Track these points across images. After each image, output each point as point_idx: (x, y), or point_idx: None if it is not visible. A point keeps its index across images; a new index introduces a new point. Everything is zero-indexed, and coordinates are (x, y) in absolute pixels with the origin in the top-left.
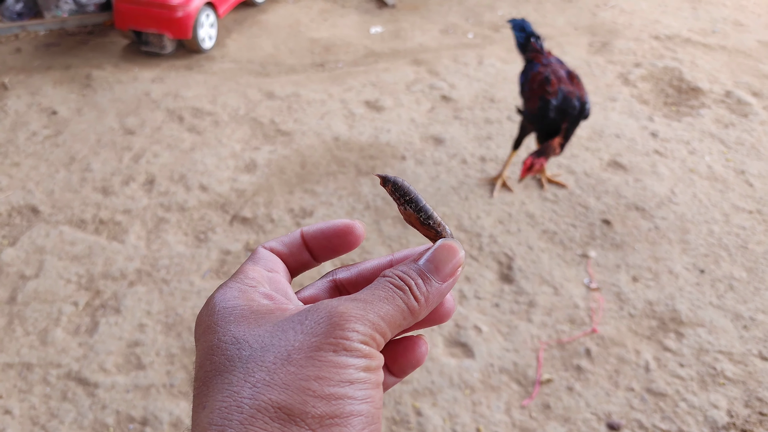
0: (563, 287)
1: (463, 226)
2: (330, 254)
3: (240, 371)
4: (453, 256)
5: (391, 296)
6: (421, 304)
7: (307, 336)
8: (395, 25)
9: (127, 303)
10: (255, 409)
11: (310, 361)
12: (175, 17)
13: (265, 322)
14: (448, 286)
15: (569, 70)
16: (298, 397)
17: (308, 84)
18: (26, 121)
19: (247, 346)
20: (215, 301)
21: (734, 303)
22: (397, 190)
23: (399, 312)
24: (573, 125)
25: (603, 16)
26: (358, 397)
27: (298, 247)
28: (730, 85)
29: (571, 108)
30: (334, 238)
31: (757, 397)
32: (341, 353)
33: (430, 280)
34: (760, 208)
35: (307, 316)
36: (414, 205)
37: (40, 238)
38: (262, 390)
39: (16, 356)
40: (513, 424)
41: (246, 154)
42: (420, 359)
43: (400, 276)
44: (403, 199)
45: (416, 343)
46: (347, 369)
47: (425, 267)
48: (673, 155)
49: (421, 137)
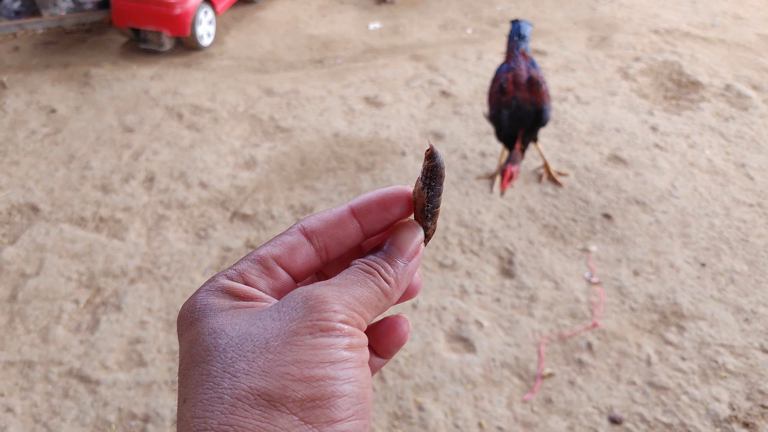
0: (564, 281)
1: (464, 222)
2: (381, 223)
3: (218, 361)
4: (413, 236)
5: (363, 280)
6: (392, 285)
7: (284, 322)
8: (394, 20)
9: (128, 300)
10: (235, 398)
11: (288, 346)
12: (173, 14)
13: (244, 314)
14: (413, 265)
15: (533, 75)
16: (278, 383)
17: (307, 80)
18: (25, 119)
19: (225, 335)
20: (197, 297)
21: (735, 296)
22: (432, 171)
23: (373, 294)
24: (530, 132)
25: (602, 10)
26: (341, 377)
27: (342, 221)
28: (729, 79)
29: (525, 116)
30: (386, 205)
31: (758, 390)
32: (318, 335)
33: (396, 262)
34: (760, 201)
35: (284, 303)
36: (432, 194)
37: (40, 236)
38: (242, 378)
39: (17, 354)
40: (515, 418)
41: (245, 150)
42: (403, 338)
43: (368, 262)
44: (431, 182)
45: (396, 323)
46: (327, 350)
47: (390, 251)
48: (673, 149)
49: (420, 133)
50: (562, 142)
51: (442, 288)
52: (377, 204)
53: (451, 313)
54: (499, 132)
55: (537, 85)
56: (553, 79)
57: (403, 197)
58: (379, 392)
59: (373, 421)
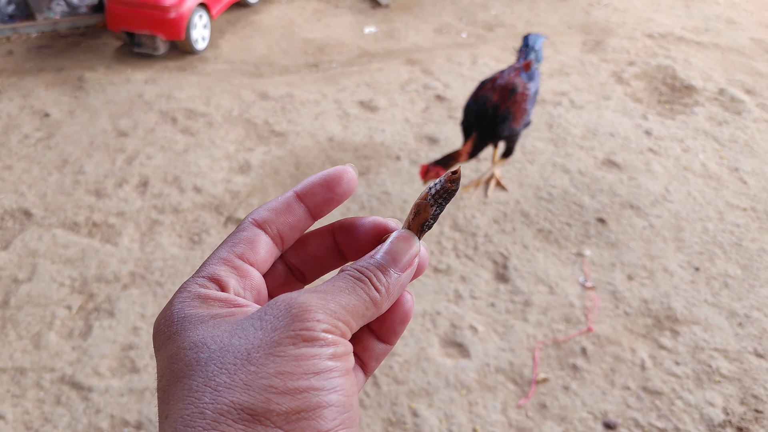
0: (558, 286)
1: (458, 226)
2: (326, 205)
3: (200, 376)
4: (409, 246)
5: (352, 287)
6: (382, 295)
7: (266, 332)
8: (389, 25)
9: (120, 306)
10: (217, 413)
11: (271, 357)
12: (167, 18)
13: (225, 323)
14: (407, 276)
15: (515, 85)
16: (261, 396)
17: (302, 84)
18: (18, 123)
19: (206, 348)
20: (173, 309)
21: (729, 300)
22: (449, 193)
23: (361, 302)
24: (484, 137)
25: (596, 14)
26: (326, 388)
27: (289, 207)
28: (723, 83)
29: (482, 113)
30: (329, 185)
31: (752, 395)
32: (301, 345)
33: (389, 271)
34: (754, 205)
35: (266, 311)
36: (438, 212)
37: (32, 242)
38: (223, 393)
39: (9, 361)
40: (509, 424)
41: (240, 155)
42: (407, 313)
43: (359, 269)
44: (443, 201)
45: (400, 298)
46: (310, 360)
47: (383, 259)
48: (667, 153)
49: (415, 137)
50: (557, 146)
51: (437, 293)
52: (320, 185)
53: (445, 318)
54: (461, 122)
55: (511, 92)
56: (548, 83)
57: (344, 175)
58: (374, 398)
59: (368, 427)
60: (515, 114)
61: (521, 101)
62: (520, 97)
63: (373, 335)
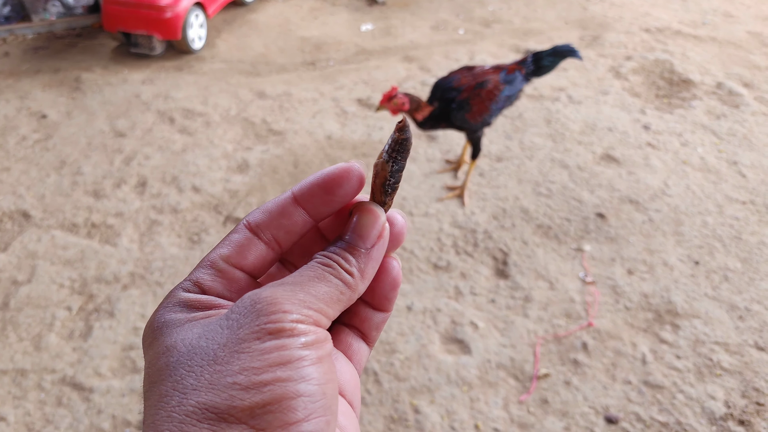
0: (559, 281)
1: (458, 223)
2: (326, 207)
3: (169, 380)
4: (374, 219)
5: (321, 274)
6: (355, 276)
7: (232, 330)
8: (386, 22)
9: (120, 306)
10: (184, 414)
11: (236, 355)
12: (164, 18)
13: (198, 326)
14: (378, 251)
15: (486, 80)
16: (224, 394)
17: (299, 83)
18: (15, 125)
19: (176, 352)
20: (156, 315)
21: (729, 294)
22: (401, 145)
23: (333, 288)
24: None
25: (593, 9)
26: (293, 378)
27: (285, 210)
28: (721, 77)
29: (446, 91)
30: (328, 187)
31: (753, 388)
32: (266, 338)
33: (359, 250)
34: (753, 198)
35: (233, 309)
36: (396, 168)
37: (31, 243)
38: (189, 395)
39: (9, 362)
40: (511, 419)
41: (238, 154)
42: (396, 278)
43: (327, 255)
44: (397, 155)
45: (385, 264)
46: (276, 352)
47: (351, 239)
48: (665, 147)
49: (414, 134)
50: (555, 141)
51: (437, 290)
52: (319, 187)
53: (446, 315)
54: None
55: (479, 85)
56: (545, 79)
57: (345, 175)
58: (375, 395)
59: (369, 425)
60: (474, 107)
61: (486, 98)
62: (486, 94)
63: (368, 305)
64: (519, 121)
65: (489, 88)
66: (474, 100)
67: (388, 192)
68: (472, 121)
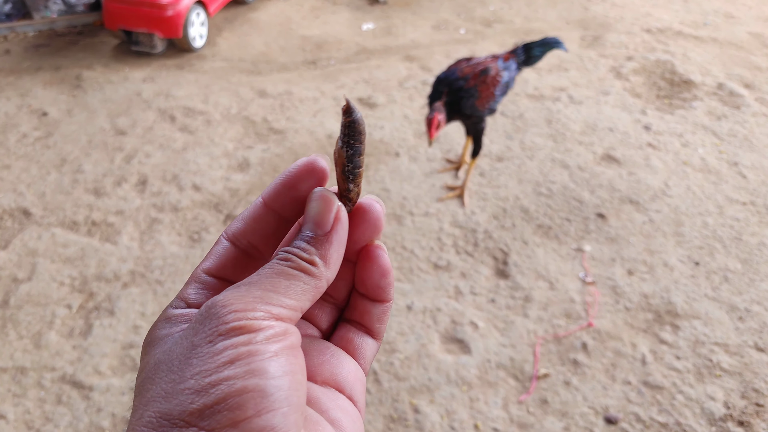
0: (559, 282)
1: (458, 222)
2: (295, 205)
3: (138, 397)
4: (325, 204)
5: (280, 270)
6: (317, 264)
7: (188, 339)
8: (387, 21)
9: (121, 305)
10: (142, 426)
11: (189, 361)
12: (165, 16)
13: (170, 340)
14: (338, 234)
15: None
16: (176, 400)
17: (300, 82)
18: (16, 123)
19: (147, 368)
20: (146, 336)
21: (729, 294)
22: (350, 128)
23: (294, 279)
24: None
25: (594, 9)
26: (242, 375)
27: (257, 216)
28: (722, 78)
29: (452, 82)
30: (291, 184)
31: (753, 388)
32: (217, 340)
33: (317, 236)
34: (753, 199)
35: (193, 319)
36: (351, 152)
37: (32, 241)
38: (149, 406)
39: (9, 360)
40: (511, 419)
41: (239, 152)
42: (383, 267)
43: (287, 249)
44: (349, 140)
45: (369, 251)
46: (226, 352)
47: (308, 228)
48: (666, 148)
49: (414, 133)
50: (556, 141)
51: (437, 289)
52: (283, 186)
53: (446, 315)
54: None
55: (483, 72)
56: (546, 79)
57: (306, 170)
58: (375, 395)
59: (369, 424)
60: (481, 93)
61: (491, 84)
62: (491, 80)
63: (366, 298)
64: (520, 121)
65: (492, 75)
66: (481, 87)
67: (350, 178)
68: (481, 109)
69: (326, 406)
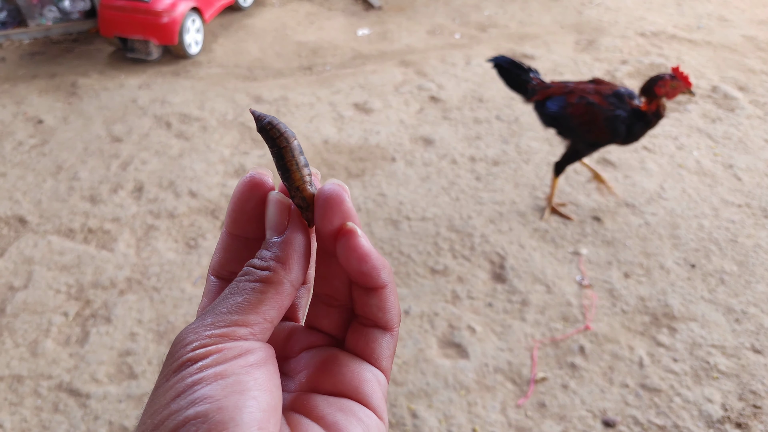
0: (556, 285)
1: (455, 226)
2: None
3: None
4: (277, 207)
5: (235, 287)
6: (272, 268)
7: (161, 379)
8: (382, 26)
9: (117, 312)
10: None
11: (151, 402)
12: (160, 23)
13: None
14: (292, 233)
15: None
16: None
17: (296, 87)
18: (12, 130)
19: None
20: None
21: (726, 297)
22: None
23: (249, 292)
24: (626, 139)
25: (589, 14)
26: (183, 407)
27: (226, 246)
28: (716, 80)
29: (634, 116)
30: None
31: (750, 390)
32: (171, 377)
33: (268, 242)
34: (748, 201)
35: None
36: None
37: (28, 249)
38: None
39: (6, 368)
40: (509, 423)
41: (235, 159)
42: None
43: (247, 263)
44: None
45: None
46: (174, 387)
47: (268, 235)
48: (661, 151)
49: (410, 138)
50: (551, 145)
51: (434, 294)
52: (235, 212)
53: (443, 319)
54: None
55: (629, 96)
56: None
57: (247, 188)
58: None
59: None
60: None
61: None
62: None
63: (360, 288)
64: (515, 125)
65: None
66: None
67: (287, 185)
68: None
69: (334, 418)
